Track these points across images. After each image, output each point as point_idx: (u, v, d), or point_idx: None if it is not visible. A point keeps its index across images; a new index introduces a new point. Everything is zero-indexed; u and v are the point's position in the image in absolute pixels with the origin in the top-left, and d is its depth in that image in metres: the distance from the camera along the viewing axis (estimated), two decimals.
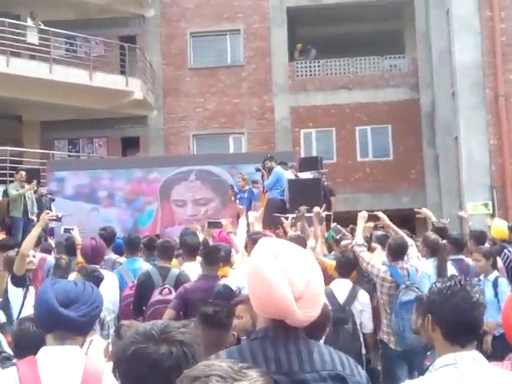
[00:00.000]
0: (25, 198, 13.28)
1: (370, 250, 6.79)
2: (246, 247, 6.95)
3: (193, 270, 6.17)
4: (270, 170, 12.54)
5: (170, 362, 1.74)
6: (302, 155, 20.07)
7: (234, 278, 5.80)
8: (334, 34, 23.23)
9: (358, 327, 6.17)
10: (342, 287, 6.24)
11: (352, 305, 6.20)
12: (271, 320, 2.21)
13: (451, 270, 6.73)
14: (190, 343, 1.80)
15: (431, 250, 6.80)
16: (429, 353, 5.75)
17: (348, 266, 6.38)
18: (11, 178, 15.67)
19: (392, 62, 22.58)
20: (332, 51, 22.35)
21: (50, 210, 14.79)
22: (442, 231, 7.88)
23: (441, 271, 6.53)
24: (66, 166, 17.17)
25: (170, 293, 5.51)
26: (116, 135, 22.52)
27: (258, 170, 12.84)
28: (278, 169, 12.45)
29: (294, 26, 23.31)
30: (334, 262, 6.76)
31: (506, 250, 7.69)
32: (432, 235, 7.09)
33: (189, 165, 16.57)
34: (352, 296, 6.23)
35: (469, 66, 17.09)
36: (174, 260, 6.82)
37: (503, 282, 6.80)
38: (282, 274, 2.16)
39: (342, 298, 6.16)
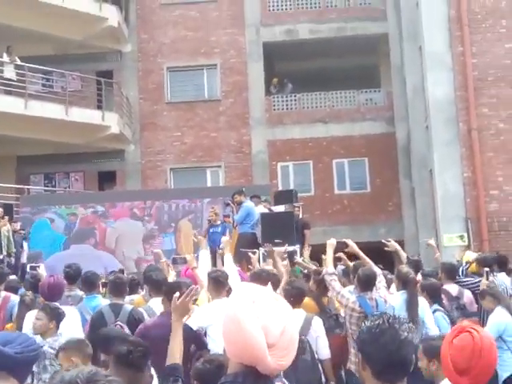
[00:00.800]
0: None
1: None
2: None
3: (160, 305, 6.10)
4: (239, 204, 12.45)
5: None
6: (280, 188, 20.14)
7: (198, 316, 5.73)
8: (310, 68, 23.48)
9: (316, 356, 6.14)
10: (295, 317, 6.18)
11: (308, 334, 6.17)
12: (243, 366, 2.17)
13: (423, 302, 6.73)
14: None
15: (402, 282, 6.79)
16: None
17: (298, 295, 6.35)
18: None
19: (368, 96, 22.81)
20: (308, 85, 22.56)
21: (22, 247, 14.75)
22: (416, 264, 7.93)
23: (410, 304, 6.52)
24: (41, 200, 17.07)
25: (122, 329, 5.44)
26: (93, 169, 22.45)
27: (227, 204, 12.78)
28: (247, 203, 12.39)
29: (271, 60, 23.54)
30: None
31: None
32: (404, 268, 7.09)
33: (166, 198, 16.64)
34: (306, 325, 6.21)
35: (442, 100, 17.31)
36: (139, 296, 6.76)
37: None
38: (256, 321, 2.14)
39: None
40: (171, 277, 7.43)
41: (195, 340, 5.48)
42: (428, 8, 17.71)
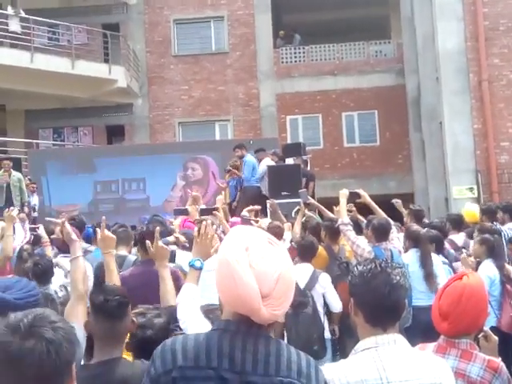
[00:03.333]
0: (9, 186, 13.18)
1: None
2: None
3: None
4: (241, 158, 12.49)
5: (30, 359, 1.64)
6: (289, 141, 20.06)
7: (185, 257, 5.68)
8: (319, 19, 23.13)
9: (321, 310, 6.16)
10: (302, 272, 6.21)
11: (313, 289, 6.18)
12: (236, 313, 2.12)
13: (436, 259, 6.69)
14: (58, 341, 1.68)
15: (413, 240, 6.68)
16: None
17: (309, 250, 6.35)
18: None
19: (377, 48, 22.51)
20: (317, 37, 22.27)
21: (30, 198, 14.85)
22: (417, 214, 7.89)
23: (425, 261, 6.46)
24: (49, 155, 17.08)
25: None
26: (101, 123, 22.42)
27: (228, 171, 12.65)
28: (248, 157, 12.44)
29: (279, 12, 23.19)
30: None
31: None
32: (414, 226, 7.03)
33: (176, 152, 16.62)
34: (313, 280, 6.21)
35: (452, 51, 17.01)
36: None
37: None
38: (250, 270, 2.07)
39: (302, 282, 6.14)
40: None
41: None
42: None
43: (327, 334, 6.21)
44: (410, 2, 21.15)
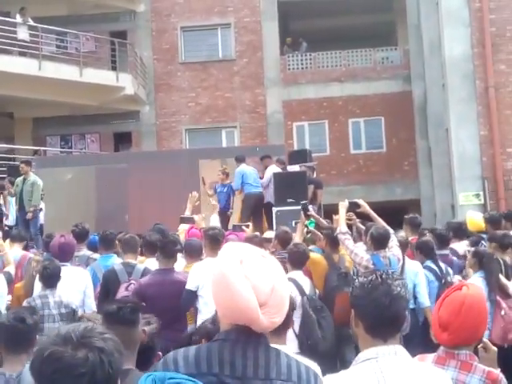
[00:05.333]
0: (22, 193, 13.18)
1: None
2: None
3: (154, 265, 6.10)
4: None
5: (84, 368, 1.69)
6: (295, 148, 20.09)
7: (191, 276, 5.71)
8: (326, 26, 23.19)
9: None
10: (298, 279, 6.24)
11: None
12: (234, 324, 2.19)
13: (415, 266, 6.83)
14: (109, 350, 1.74)
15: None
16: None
17: (301, 257, 6.38)
18: (3, 175, 15.71)
19: (384, 55, 22.53)
20: (324, 44, 22.30)
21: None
22: (412, 221, 7.98)
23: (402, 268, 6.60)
24: (54, 162, 17.13)
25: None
26: (108, 131, 22.49)
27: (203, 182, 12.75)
28: (238, 168, 12.66)
29: (286, 19, 23.26)
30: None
31: (482, 241, 7.65)
32: (400, 232, 7.19)
33: (182, 159, 16.55)
34: (313, 286, 6.30)
35: (459, 57, 17.03)
36: (140, 257, 6.79)
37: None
38: (246, 281, 2.14)
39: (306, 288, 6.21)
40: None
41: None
42: None
43: None
44: (417, 8, 21.18)
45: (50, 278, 5.58)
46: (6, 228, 12.75)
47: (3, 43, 17.88)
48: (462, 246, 7.85)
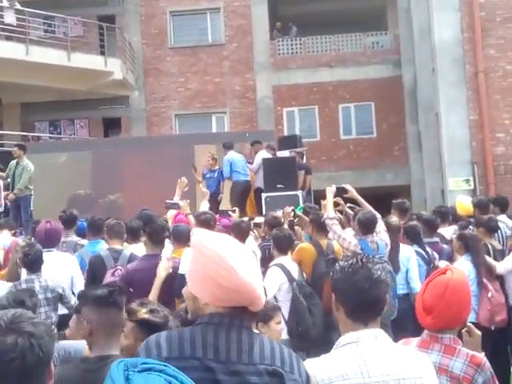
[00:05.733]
0: (14, 177, 13.01)
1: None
2: None
3: (139, 251, 6.08)
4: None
5: (13, 353, 1.68)
6: (286, 133, 20.04)
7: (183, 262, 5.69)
8: (316, 11, 23.06)
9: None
10: (285, 264, 6.22)
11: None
12: (219, 307, 2.19)
13: (408, 250, 6.81)
14: (39, 335, 1.74)
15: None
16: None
17: (286, 241, 6.36)
18: None
19: (374, 39, 22.45)
20: (313, 29, 22.19)
21: None
22: (400, 206, 7.97)
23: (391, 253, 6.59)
24: (44, 148, 17.04)
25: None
26: (97, 116, 22.37)
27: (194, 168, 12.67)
28: (226, 156, 12.71)
29: (275, 3, 23.12)
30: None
31: (470, 226, 7.65)
32: (391, 217, 7.15)
33: (176, 145, 16.51)
34: (301, 272, 6.29)
35: (449, 42, 16.97)
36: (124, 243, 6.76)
37: None
38: (244, 263, 2.19)
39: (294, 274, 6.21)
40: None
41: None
42: None
43: None
44: None
45: (33, 263, 5.57)
46: None
47: None
48: (449, 231, 7.84)
